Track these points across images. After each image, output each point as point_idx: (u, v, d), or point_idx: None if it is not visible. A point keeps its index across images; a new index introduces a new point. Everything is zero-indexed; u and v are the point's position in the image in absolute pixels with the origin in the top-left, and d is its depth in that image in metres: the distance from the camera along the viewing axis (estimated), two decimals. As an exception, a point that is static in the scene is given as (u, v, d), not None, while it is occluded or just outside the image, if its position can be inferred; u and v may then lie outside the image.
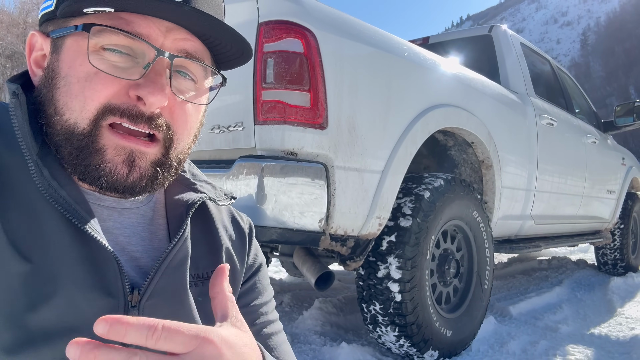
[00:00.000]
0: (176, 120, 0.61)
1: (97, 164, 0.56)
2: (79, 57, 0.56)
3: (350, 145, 1.86)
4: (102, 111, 0.56)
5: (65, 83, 0.56)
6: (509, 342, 2.52)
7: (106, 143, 0.56)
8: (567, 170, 3.57)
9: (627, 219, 4.83)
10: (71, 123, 0.56)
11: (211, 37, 0.62)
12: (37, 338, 0.51)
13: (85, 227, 0.55)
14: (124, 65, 0.57)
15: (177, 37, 0.59)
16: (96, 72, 0.55)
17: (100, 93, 0.55)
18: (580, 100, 4.56)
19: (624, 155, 4.88)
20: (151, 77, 0.57)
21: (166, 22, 0.58)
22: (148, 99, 0.56)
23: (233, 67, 0.70)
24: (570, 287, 4.03)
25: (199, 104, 0.65)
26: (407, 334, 2.08)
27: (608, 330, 2.90)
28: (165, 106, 0.59)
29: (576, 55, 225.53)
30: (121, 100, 0.56)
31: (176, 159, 0.63)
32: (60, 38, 0.59)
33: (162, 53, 0.57)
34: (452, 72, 2.50)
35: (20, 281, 0.51)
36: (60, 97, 0.57)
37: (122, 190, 0.59)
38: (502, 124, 2.80)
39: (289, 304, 3.14)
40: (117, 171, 0.57)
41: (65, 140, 0.57)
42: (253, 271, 0.79)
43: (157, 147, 0.60)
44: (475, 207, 2.47)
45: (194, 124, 0.65)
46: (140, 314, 0.58)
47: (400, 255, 2.05)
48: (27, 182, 0.55)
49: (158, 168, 0.61)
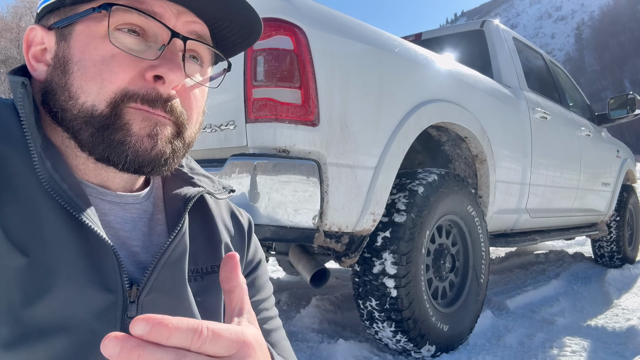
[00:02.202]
0: (187, 104, 0.62)
1: (122, 138, 0.56)
2: (93, 41, 0.56)
3: (342, 142, 1.86)
4: (122, 97, 0.56)
5: (80, 67, 0.56)
6: (506, 336, 2.53)
7: (131, 118, 0.57)
8: (561, 163, 3.58)
9: (623, 211, 4.84)
10: (89, 106, 0.56)
11: (222, 19, 0.63)
12: (34, 333, 0.51)
13: (85, 220, 0.54)
14: (138, 47, 0.57)
15: (188, 20, 0.60)
16: (112, 55, 0.56)
17: (118, 75, 0.55)
18: (574, 94, 4.58)
19: (618, 147, 4.89)
20: (167, 57, 0.58)
21: (177, 5, 0.59)
22: (168, 75, 0.56)
23: (235, 53, 0.70)
24: (567, 280, 4.05)
25: (209, 86, 0.66)
26: (404, 329, 2.08)
27: (604, 321, 2.91)
28: (177, 90, 0.59)
29: (571, 50, 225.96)
30: (138, 86, 0.56)
31: (186, 142, 0.64)
32: (67, 27, 0.58)
33: (177, 35, 0.58)
34: (444, 67, 2.50)
35: (17, 275, 0.51)
36: (74, 82, 0.56)
37: (145, 164, 0.58)
38: (495, 118, 2.81)
39: (286, 302, 3.14)
40: (142, 143, 0.57)
41: (85, 124, 0.56)
42: (253, 267, 0.78)
43: (172, 124, 0.61)
44: (470, 201, 2.48)
45: (201, 108, 0.66)
46: (139, 310, 0.58)
47: (395, 250, 2.05)
48: (27, 175, 0.54)
49: (175, 141, 0.61)
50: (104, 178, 0.62)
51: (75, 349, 0.53)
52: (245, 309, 0.48)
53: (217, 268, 0.69)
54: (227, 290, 0.49)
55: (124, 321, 0.57)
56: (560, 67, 4.53)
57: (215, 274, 0.69)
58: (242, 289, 0.49)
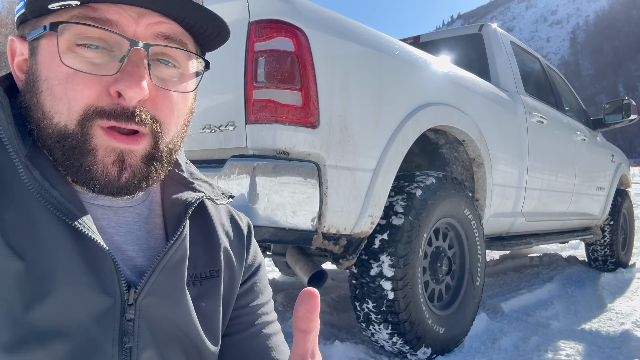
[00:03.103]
0: (161, 111, 0.59)
1: (88, 166, 0.56)
2: (56, 57, 0.55)
3: (342, 144, 1.87)
4: (90, 114, 0.55)
5: (48, 86, 0.55)
6: (500, 339, 2.54)
7: (98, 143, 0.56)
8: (557, 167, 3.60)
9: (617, 215, 4.87)
10: (62, 126, 0.55)
11: (185, 19, 0.60)
12: (33, 337, 0.51)
13: (79, 226, 0.54)
14: (100, 60, 0.55)
15: (151, 22, 0.57)
16: (74, 73, 0.54)
17: (82, 93, 0.54)
18: (570, 98, 4.60)
19: (613, 152, 4.92)
20: (128, 70, 0.55)
21: (136, 7, 0.56)
22: (126, 93, 0.54)
23: (215, 47, 0.67)
24: (561, 284, 4.07)
25: (183, 91, 0.62)
26: (400, 332, 2.09)
27: (598, 325, 2.92)
28: (147, 97, 0.57)
29: (566, 54, 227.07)
30: (105, 102, 0.55)
31: (166, 149, 0.62)
32: (35, 40, 0.57)
33: (136, 43, 0.55)
34: (443, 70, 2.51)
35: (15, 280, 0.51)
36: (45, 101, 0.56)
37: (116, 192, 0.58)
38: (492, 122, 2.82)
39: (282, 303, 3.14)
40: (108, 172, 0.56)
41: (58, 143, 0.56)
42: (252, 271, 0.78)
43: (145, 141, 0.59)
44: (467, 204, 2.49)
45: (182, 112, 0.63)
46: (137, 312, 0.58)
47: (392, 253, 2.05)
48: (20, 181, 0.54)
49: (149, 163, 0.60)
50: None
51: (75, 351, 0.53)
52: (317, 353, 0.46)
53: (216, 273, 0.69)
54: (303, 330, 0.46)
55: (122, 324, 0.57)
56: (556, 71, 4.55)
57: (214, 278, 0.69)
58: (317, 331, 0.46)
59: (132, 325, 0.57)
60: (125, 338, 0.57)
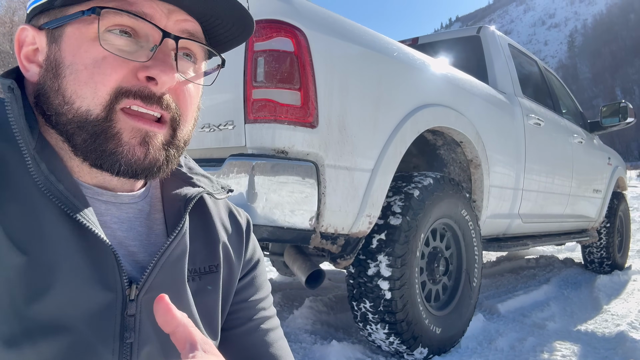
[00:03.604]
0: (182, 101, 0.62)
1: (113, 148, 0.57)
2: (84, 43, 0.56)
3: (340, 144, 1.87)
4: (115, 95, 0.56)
5: (72, 71, 0.56)
6: (497, 339, 2.55)
7: (122, 127, 0.57)
8: (554, 169, 3.61)
9: (613, 217, 4.89)
10: (83, 110, 0.56)
11: (213, 16, 0.63)
12: (35, 331, 0.51)
13: (83, 220, 0.55)
14: (129, 48, 0.57)
15: (179, 19, 0.60)
16: (104, 57, 0.56)
17: (111, 77, 0.56)
18: (567, 101, 4.62)
19: (610, 155, 4.94)
20: (160, 58, 0.58)
21: (167, 4, 0.59)
22: (161, 77, 0.57)
23: (229, 48, 0.70)
24: (558, 285, 4.08)
25: (203, 84, 0.66)
26: (397, 332, 2.10)
27: (594, 327, 2.94)
28: (171, 88, 0.60)
29: (563, 57, 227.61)
30: (131, 83, 0.57)
31: (182, 140, 0.64)
32: (58, 28, 0.58)
33: (168, 35, 0.58)
34: (441, 72, 2.52)
35: (17, 274, 0.51)
36: (68, 86, 0.56)
37: (140, 172, 0.59)
38: (490, 124, 2.83)
39: (279, 303, 3.15)
40: (135, 153, 0.58)
41: (79, 128, 0.56)
42: (251, 266, 0.79)
43: (166, 129, 0.61)
44: (464, 205, 2.50)
45: (196, 104, 0.66)
46: (139, 308, 0.58)
47: (390, 253, 2.06)
48: (26, 175, 0.54)
49: (169, 148, 0.62)
50: (101, 180, 0.62)
51: (76, 346, 0.53)
52: (198, 341, 0.45)
53: (215, 268, 0.70)
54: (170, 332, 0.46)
55: (123, 319, 0.57)
56: (554, 74, 4.57)
57: (213, 273, 0.70)
58: (184, 324, 0.45)
59: (133, 321, 0.58)
60: (126, 334, 0.57)
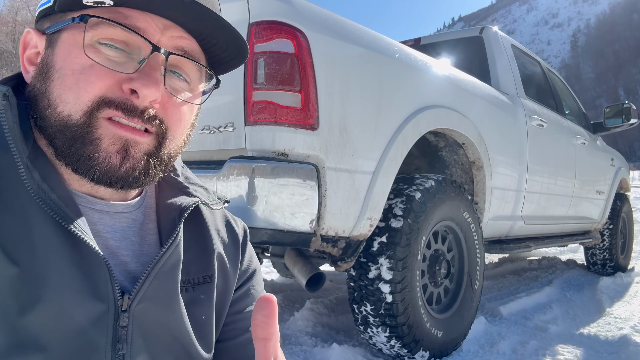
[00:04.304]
0: (170, 118, 0.61)
1: (90, 154, 0.56)
2: (74, 50, 0.56)
3: (341, 146, 1.86)
4: (97, 103, 0.55)
5: (60, 75, 0.56)
6: (499, 342, 2.53)
7: (103, 133, 0.56)
8: (557, 171, 3.59)
9: (616, 219, 4.87)
10: (65, 115, 0.56)
11: (208, 36, 0.62)
12: (27, 342, 0.51)
13: (75, 230, 0.54)
14: (118, 60, 0.57)
15: (174, 35, 0.60)
16: (91, 65, 0.55)
17: (95, 85, 0.55)
18: (570, 102, 4.60)
19: (613, 156, 4.92)
20: (146, 71, 0.57)
21: (164, 19, 0.59)
22: (142, 91, 0.56)
23: (227, 70, 0.70)
24: (560, 287, 4.06)
25: (192, 102, 0.65)
26: (398, 335, 2.08)
27: (597, 330, 2.92)
28: (158, 103, 0.59)
29: (566, 57, 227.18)
30: (115, 94, 0.56)
31: (167, 155, 0.63)
32: (55, 33, 0.58)
33: (158, 49, 0.58)
34: (443, 73, 2.51)
35: (8, 284, 0.51)
36: (54, 90, 0.56)
37: (114, 181, 0.58)
38: (492, 125, 2.81)
39: (280, 305, 3.13)
40: (110, 160, 0.57)
41: (59, 132, 0.56)
42: (247, 277, 0.78)
43: (151, 139, 0.60)
44: (466, 207, 2.48)
45: (187, 123, 0.65)
46: (131, 319, 0.58)
47: (391, 256, 2.05)
48: (18, 184, 0.54)
49: (150, 159, 0.60)
50: (89, 188, 0.61)
51: (68, 357, 0.53)
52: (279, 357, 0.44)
53: (209, 278, 0.69)
54: (262, 337, 0.44)
55: (115, 330, 0.57)
56: (556, 75, 4.55)
57: (207, 284, 0.69)
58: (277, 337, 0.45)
59: (125, 332, 0.57)
60: (119, 345, 0.57)
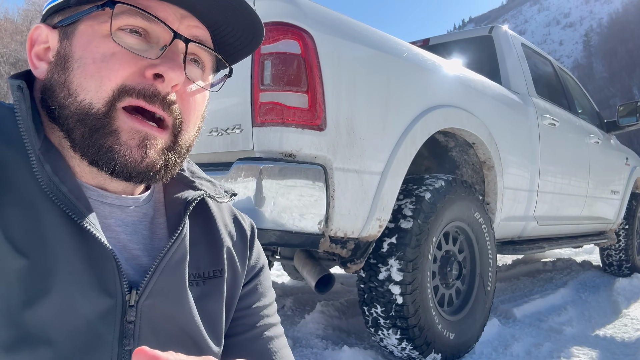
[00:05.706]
0: (186, 107, 0.62)
1: (110, 146, 0.56)
2: (94, 39, 0.56)
3: (349, 147, 1.85)
4: (119, 92, 0.56)
5: (80, 65, 0.56)
6: (512, 345, 2.50)
7: (121, 125, 0.56)
8: (570, 170, 3.55)
9: (632, 219, 4.78)
10: (86, 104, 0.56)
11: (223, 24, 0.63)
12: (33, 336, 0.50)
13: (84, 223, 0.54)
14: (139, 47, 0.57)
15: (191, 24, 0.61)
16: (113, 53, 0.56)
17: (117, 73, 0.55)
18: (583, 101, 4.54)
19: (627, 155, 4.84)
20: (169, 56, 0.58)
21: (180, 9, 0.60)
22: (168, 74, 0.56)
23: (236, 60, 0.70)
24: (575, 289, 4.00)
25: (210, 90, 0.66)
26: (409, 337, 2.06)
27: (613, 331, 2.86)
28: (177, 91, 0.59)
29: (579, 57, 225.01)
30: (136, 81, 0.56)
31: (184, 145, 0.64)
32: (71, 25, 0.59)
33: (179, 36, 0.59)
34: (452, 72, 2.49)
35: (16, 277, 0.50)
36: (74, 79, 0.56)
37: (134, 175, 0.58)
38: (503, 125, 2.78)
39: (291, 308, 3.13)
40: (131, 154, 0.57)
41: (79, 122, 0.56)
42: (255, 273, 0.78)
43: (167, 134, 0.60)
44: (477, 208, 2.45)
45: (199, 113, 0.66)
46: (139, 314, 0.57)
47: (401, 257, 2.03)
48: (28, 178, 0.54)
49: (169, 153, 0.61)
50: (101, 181, 0.61)
51: (74, 352, 0.53)
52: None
53: (220, 272, 0.69)
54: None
55: (122, 325, 0.56)
56: (569, 74, 4.50)
57: (218, 278, 0.69)
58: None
59: (132, 327, 0.57)
60: (125, 340, 0.57)
